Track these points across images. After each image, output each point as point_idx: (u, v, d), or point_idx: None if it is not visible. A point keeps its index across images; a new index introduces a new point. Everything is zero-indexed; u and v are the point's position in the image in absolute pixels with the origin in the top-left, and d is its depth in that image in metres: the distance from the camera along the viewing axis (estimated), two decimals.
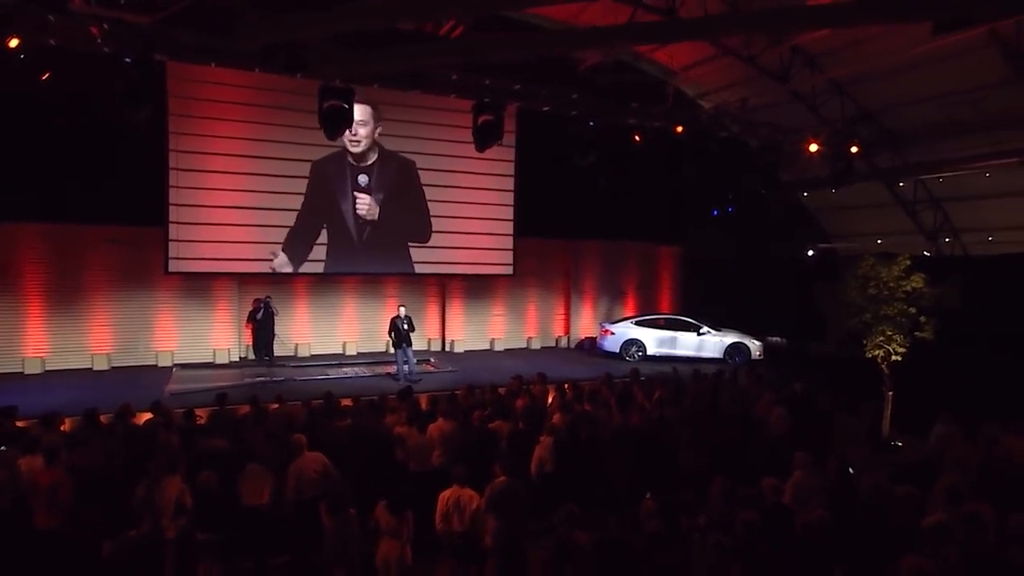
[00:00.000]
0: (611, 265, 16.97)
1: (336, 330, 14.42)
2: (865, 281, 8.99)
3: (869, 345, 9.19)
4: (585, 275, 16.80)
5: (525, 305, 16.05)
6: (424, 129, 13.94)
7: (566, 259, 16.56)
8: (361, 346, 14.41)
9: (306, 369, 12.51)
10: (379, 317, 14.56)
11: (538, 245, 15.62)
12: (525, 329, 16.06)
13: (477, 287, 15.25)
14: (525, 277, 15.65)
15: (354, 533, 5.50)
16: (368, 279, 14.52)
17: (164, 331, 12.88)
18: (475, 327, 15.45)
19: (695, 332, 14.14)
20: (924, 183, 15.51)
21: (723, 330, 14.25)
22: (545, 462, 6.98)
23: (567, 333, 16.51)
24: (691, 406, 8.90)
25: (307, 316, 14.21)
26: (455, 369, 12.56)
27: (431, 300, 15.26)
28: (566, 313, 16.60)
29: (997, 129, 13.06)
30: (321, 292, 14.26)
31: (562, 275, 16.64)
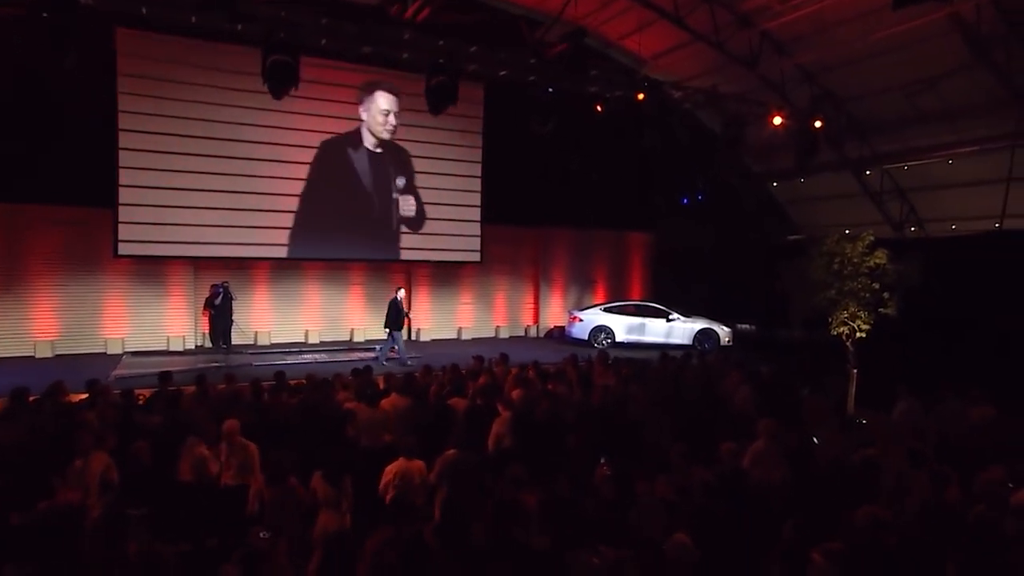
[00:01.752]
0: (581, 253, 16.92)
1: (298, 317, 14.04)
2: (830, 257, 9.00)
3: (834, 322, 9.17)
4: (555, 263, 16.69)
5: (493, 293, 15.91)
6: None
7: (535, 247, 16.46)
8: (324, 334, 14.05)
9: (264, 356, 12.14)
10: (343, 304, 14.27)
11: (506, 232, 15.51)
12: (493, 318, 15.90)
13: (444, 275, 15.10)
14: (493, 265, 15.53)
15: (295, 504, 5.21)
16: (331, 265, 14.18)
17: (114, 317, 12.39)
18: (442, 316, 15.27)
19: (664, 319, 14.18)
20: (890, 173, 15.63)
21: (692, 317, 14.30)
22: (503, 437, 6.78)
23: (536, 322, 16.44)
24: (656, 385, 8.83)
25: (267, 303, 13.83)
26: (419, 356, 12.34)
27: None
28: (535, 302, 16.50)
29: (959, 117, 13.23)
30: (282, 278, 13.90)
31: (531, 263, 16.54)
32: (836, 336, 9.28)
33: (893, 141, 14.61)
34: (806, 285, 9.12)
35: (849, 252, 8.85)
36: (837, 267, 8.89)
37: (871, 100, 14.27)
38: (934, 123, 13.62)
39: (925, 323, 9.82)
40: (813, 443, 6.28)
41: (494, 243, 15.01)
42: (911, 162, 14.21)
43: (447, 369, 9.00)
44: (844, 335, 9.19)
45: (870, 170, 15.15)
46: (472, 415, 7.15)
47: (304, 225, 13.22)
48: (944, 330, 9.96)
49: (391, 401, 7.12)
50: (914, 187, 15.67)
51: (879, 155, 15.04)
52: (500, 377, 8.79)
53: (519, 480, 4.58)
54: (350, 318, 14.33)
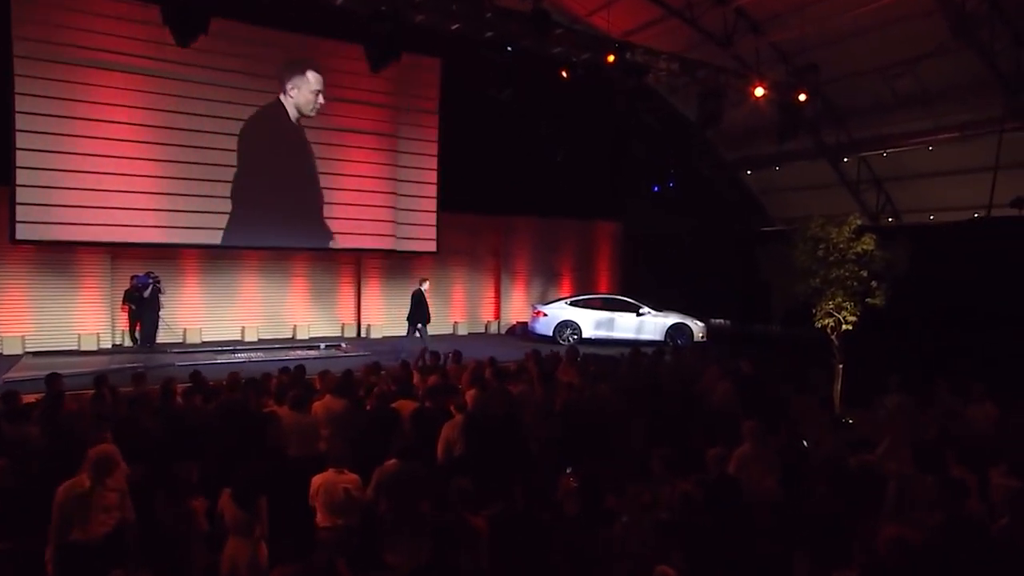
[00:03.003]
0: (545, 243, 16.46)
1: (233, 312, 13.11)
2: (815, 243, 8.63)
3: (818, 314, 8.83)
4: (517, 254, 16.21)
5: (450, 287, 15.36)
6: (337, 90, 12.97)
7: (496, 236, 15.94)
8: (263, 331, 13.19)
9: (193, 356, 11.20)
10: (285, 298, 13.51)
11: (465, 221, 14.99)
12: (451, 313, 15.35)
13: (396, 266, 14.48)
14: (450, 256, 14.98)
15: (195, 530, 4.42)
16: (272, 255, 13.30)
17: (12, 312, 11.25)
18: (394, 310, 14.42)
19: (634, 313, 13.83)
20: (867, 162, 15.66)
21: (664, 311, 13.98)
22: (454, 443, 6.13)
23: (497, 317, 15.95)
24: (627, 383, 8.29)
25: (197, 296, 12.87)
26: (368, 353, 11.62)
27: (345, 280, 14.33)
28: (496, 296, 16.00)
29: (938, 102, 13.14)
30: (214, 268, 12.96)
31: (491, 254, 16.02)
32: (820, 329, 8.94)
33: (871, 127, 14.54)
34: (788, 274, 8.75)
35: (835, 237, 8.49)
36: (822, 253, 8.52)
37: (848, 83, 14.10)
38: (914, 108, 13.55)
39: (914, 314, 9.52)
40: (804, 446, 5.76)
41: (451, 232, 14.53)
42: (890, 149, 14.05)
43: (394, 368, 8.34)
44: (829, 328, 8.85)
45: (848, 157, 14.90)
46: (419, 419, 6.47)
47: (236, 210, 12.33)
48: (935, 322, 9.67)
49: (324, 404, 6.37)
50: (891, 176, 15.70)
51: (856, 142, 14.99)
52: (453, 376, 8.14)
53: (466, 495, 3.90)
54: (292, 313, 13.57)
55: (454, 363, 8.90)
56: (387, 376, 8.02)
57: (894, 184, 15.73)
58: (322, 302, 13.75)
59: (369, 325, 14.27)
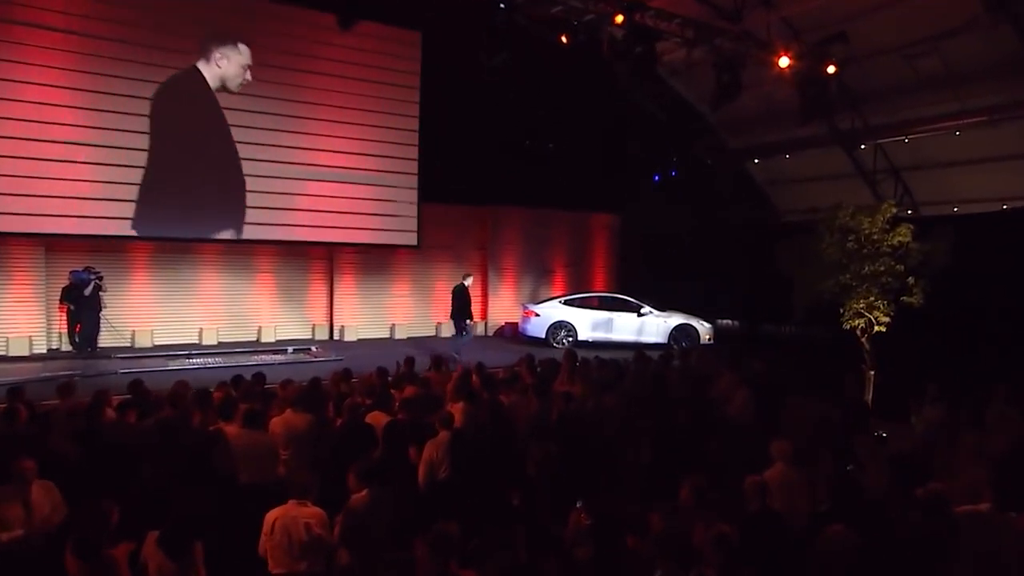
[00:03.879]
0: (536, 237, 15.90)
1: (190, 313, 12.36)
2: (844, 235, 8.17)
3: (847, 314, 8.33)
4: (505, 248, 15.63)
5: (433, 284, 14.75)
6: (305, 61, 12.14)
7: (482, 229, 15.41)
8: (224, 333, 12.48)
9: (141, 361, 10.44)
10: (248, 297, 12.83)
11: (449, 212, 14.48)
12: (433, 313, 14.75)
13: (373, 262, 13.95)
14: (433, 251, 14.38)
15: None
16: (234, 249, 12.50)
17: None
18: (371, 310, 14.05)
19: (635, 313, 13.34)
20: (884, 150, 15.05)
21: (667, 311, 13.50)
22: (438, 466, 5.51)
23: (484, 318, 15.38)
24: (632, 390, 7.88)
25: (149, 294, 12.09)
26: (340, 357, 11.01)
27: (316, 277, 13.67)
28: (483, 294, 15.38)
29: (965, 83, 12.62)
30: (168, 263, 12.16)
31: (477, 248, 15.46)
32: (849, 331, 8.48)
33: (890, 111, 13.95)
34: (814, 268, 8.25)
35: (867, 228, 8.02)
36: (853, 246, 8.06)
37: (866, 63, 13.54)
38: (938, 89, 12.99)
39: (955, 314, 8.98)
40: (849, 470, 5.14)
41: (434, 224, 13.94)
42: (912, 134, 13.54)
43: (370, 375, 7.63)
44: (859, 329, 8.34)
45: (865, 144, 14.47)
46: (395, 436, 5.78)
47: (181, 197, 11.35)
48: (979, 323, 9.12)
49: (284, 420, 5.65)
50: (910, 166, 15.14)
51: (873, 128, 14.36)
52: (435, 385, 7.48)
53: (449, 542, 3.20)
54: (257, 314, 12.88)
55: (435, 370, 8.32)
56: (360, 385, 7.31)
57: (913, 174, 15.14)
58: (290, 301, 13.14)
59: (343, 326, 13.64)
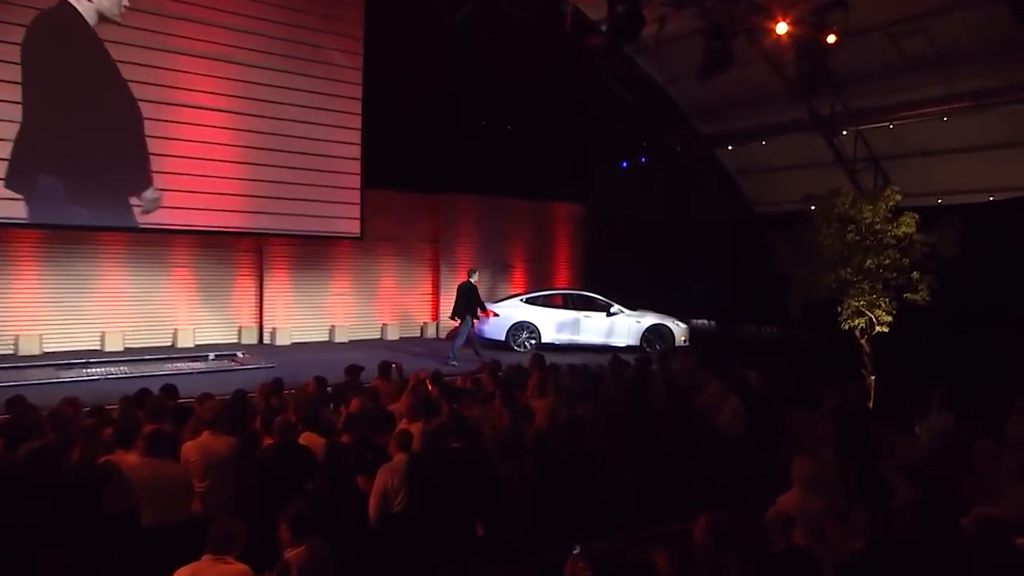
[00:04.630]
0: (493, 228, 15.55)
1: (89, 314, 11.41)
2: (843, 225, 7.98)
3: (844, 312, 8.13)
4: (459, 241, 15.20)
5: (378, 281, 14.35)
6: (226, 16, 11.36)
7: (434, 219, 15.03)
8: (132, 338, 11.65)
9: (24, 373, 9.42)
10: (162, 295, 12.03)
11: (396, 200, 14.11)
12: (378, 313, 14.36)
13: (310, 254, 13.31)
14: (378, 243, 13.96)
15: None
16: (142, 238, 11.57)
17: None
18: (307, 310, 13.42)
19: (604, 312, 13.06)
20: (864, 138, 15.07)
21: (639, 310, 13.26)
22: (393, 496, 4.92)
23: (436, 318, 14.91)
24: (609, 399, 7.62)
25: (36, 292, 11.05)
26: (271, 365, 10.40)
27: (242, 271, 12.90)
28: (434, 291, 14.96)
29: (953, 65, 12.62)
30: (61, 255, 11.18)
31: (428, 240, 14.99)
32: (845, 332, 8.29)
33: (872, 95, 13.88)
34: (811, 262, 8.06)
35: (869, 217, 7.83)
36: (853, 237, 7.87)
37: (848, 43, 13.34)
38: (923, 72, 12.96)
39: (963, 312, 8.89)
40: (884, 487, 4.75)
41: (379, 213, 13.53)
42: (897, 119, 13.51)
43: (306, 386, 7.00)
44: (859, 330, 8.14)
45: (847, 129, 14.44)
46: (340, 463, 5.18)
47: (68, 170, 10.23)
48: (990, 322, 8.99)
49: (200, 444, 4.91)
50: (891, 154, 15.18)
51: (854, 112, 14.33)
52: (386, 397, 6.94)
53: None
54: (173, 314, 12.08)
55: (383, 378, 7.76)
56: (294, 398, 6.66)
57: (894, 163, 15.16)
58: (212, 300, 12.41)
59: (274, 329, 12.94)
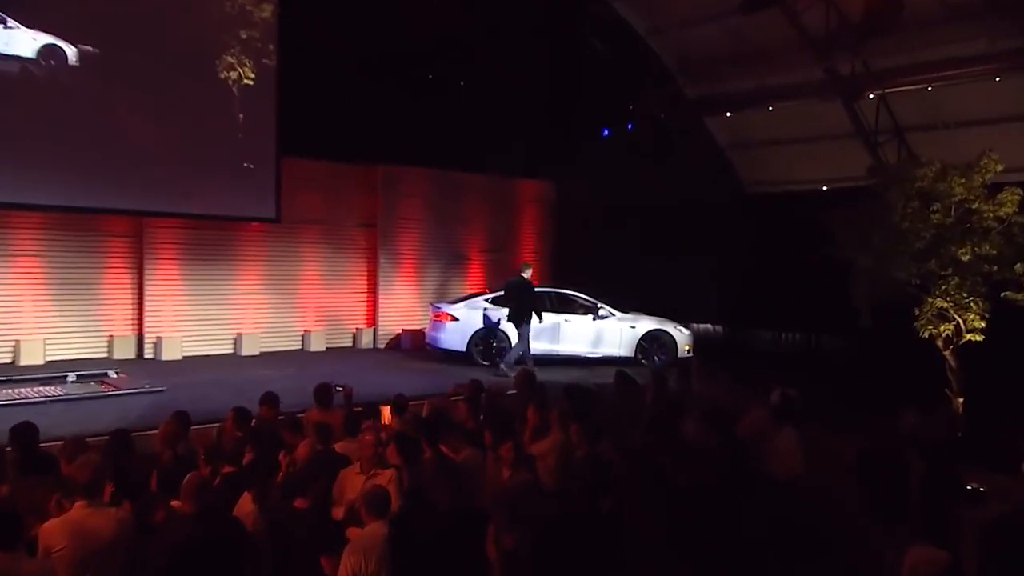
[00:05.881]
0: (445, 210, 15.40)
1: None
2: (924, 202, 7.55)
3: (923, 317, 7.76)
4: (403, 225, 14.92)
5: (298, 276, 13.88)
6: None
7: (370, 198, 14.65)
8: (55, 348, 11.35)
9: None
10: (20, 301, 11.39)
11: (321, 173, 13.78)
12: (298, 318, 13.91)
13: (207, 242, 12.77)
14: (298, 228, 13.54)
15: None
16: None
17: None
18: (203, 315, 12.83)
19: (590, 315, 12.69)
20: (887, 104, 15.07)
21: (631, 312, 12.96)
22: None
23: (373, 324, 14.58)
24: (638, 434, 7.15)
25: None
26: (161, 388, 9.58)
27: (114, 263, 12.19)
28: (370, 290, 14.63)
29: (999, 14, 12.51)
30: None
31: (363, 224, 14.61)
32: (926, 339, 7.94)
33: (900, 51, 13.71)
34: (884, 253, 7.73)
35: (961, 193, 7.41)
36: (941, 219, 7.45)
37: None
38: (964, 24, 12.85)
39: None
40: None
41: (300, 189, 13.24)
42: (932, 81, 13.42)
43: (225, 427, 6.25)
44: (943, 339, 7.80)
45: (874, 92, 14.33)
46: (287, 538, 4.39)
47: None
48: None
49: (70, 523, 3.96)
50: (918, 124, 15.23)
51: (877, 73, 14.29)
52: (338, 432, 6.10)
53: None
54: (16, 321, 11.41)
55: (321, 407, 7.11)
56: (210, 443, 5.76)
57: (921, 136, 15.14)
58: (73, 301, 11.79)
59: (159, 339, 12.16)
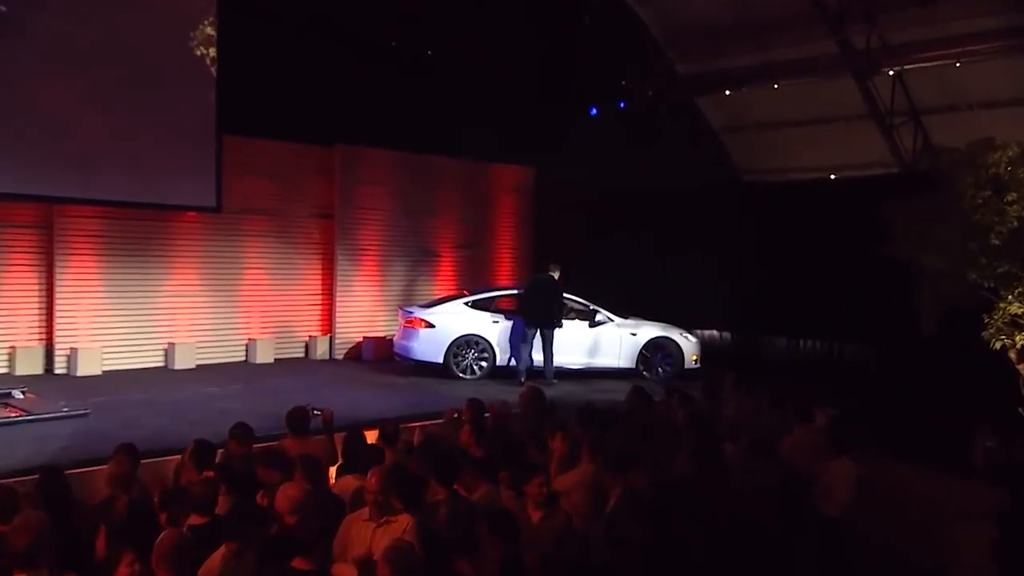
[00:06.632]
0: (412, 198, 15.20)
1: None
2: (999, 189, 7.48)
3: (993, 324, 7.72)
4: (364, 216, 14.65)
5: (242, 275, 13.58)
6: None
7: (326, 185, 14.35)
8: None
9: None
10: None
11: (270, 154, 13.51)
12: (242, 323, 13.63)
13: (133, 235, 12.44)
14: (242, 219, 13.27)
15: None
16: None
17: None
18: (128, 320, 12.50)
19: (587, 321, 12.53)
20: (904, 83, 15.26)
21: (631, 318, 12.87)
22: None
23: (329, 331, 14.30)
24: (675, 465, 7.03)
25: None
26: (83, 411, 9.05)
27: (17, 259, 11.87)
28: (327, 292, 14.37)
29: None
30: None
31: (318, 215, 14.30)
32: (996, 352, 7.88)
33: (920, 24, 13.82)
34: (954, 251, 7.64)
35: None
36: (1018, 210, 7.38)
37: None
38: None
39: None
40: None
41: (245, 174, 13.01)
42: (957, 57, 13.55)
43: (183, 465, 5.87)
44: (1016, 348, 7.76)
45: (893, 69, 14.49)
46: None
47: None
48: None
49: None
50: (936, 106, 15.42)
51: (893, 48, 14.45)
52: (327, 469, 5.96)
53: None
54: None
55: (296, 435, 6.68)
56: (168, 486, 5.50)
57: (938, 119, 15.43)
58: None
59: (74, 350, 11.83)
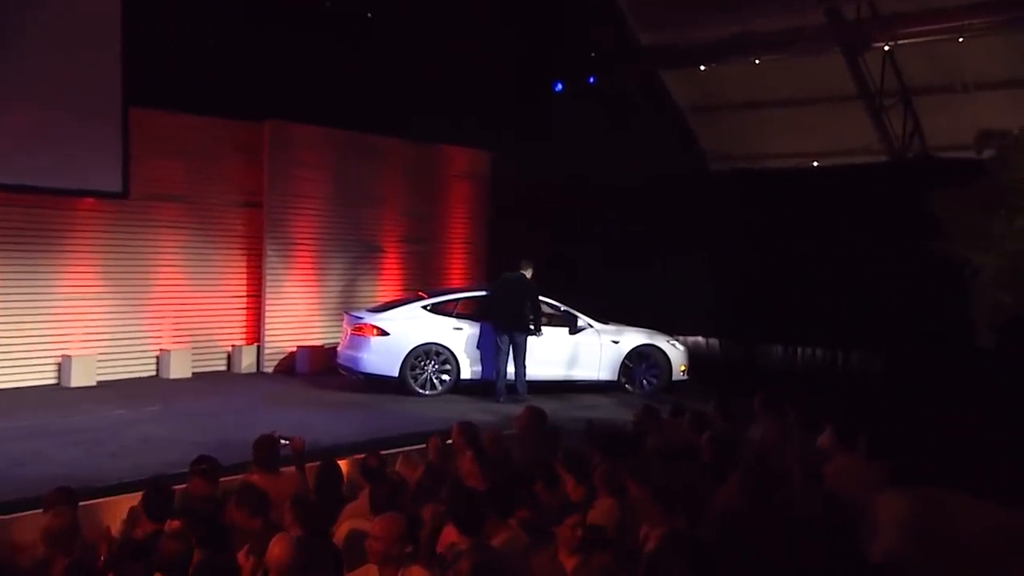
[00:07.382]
0: (353, 185, 15.07)
1: None
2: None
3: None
4: (298, 204, 14.46)
5: (152, 275, 13.34)
6: None
7: (253, 166, 14.10)
8: None
9: None
10: None
11: (186, 130, 13.33)
12: (152, 333, 13.36)
13: (18, 227, 12.26)
14: (152, 207, 13.08)
15: None
16: None
17: None
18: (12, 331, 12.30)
19: (566, 328, 12.52)
20: (895, 61, 15.66)
21: (612, 324, 12.87)
22: None
23: (256, 340, 14.12)
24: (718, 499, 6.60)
25: None
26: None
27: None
28: (253, 294, 14.15)
29: None
30: None
31: (242, 202, 14.09)
32: None
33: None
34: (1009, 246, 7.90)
35: None
36: None
37: None
38: None
39: None
40: None
41: (156, 154, 12.85)
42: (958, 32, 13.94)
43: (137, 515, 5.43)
44: None
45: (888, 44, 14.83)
46: None
47: None
48: None
49: None
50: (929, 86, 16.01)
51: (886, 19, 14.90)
52: None
53: None
54: None
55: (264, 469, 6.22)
56: None
57: (929, 101, 16.07)
58: None
59: None
